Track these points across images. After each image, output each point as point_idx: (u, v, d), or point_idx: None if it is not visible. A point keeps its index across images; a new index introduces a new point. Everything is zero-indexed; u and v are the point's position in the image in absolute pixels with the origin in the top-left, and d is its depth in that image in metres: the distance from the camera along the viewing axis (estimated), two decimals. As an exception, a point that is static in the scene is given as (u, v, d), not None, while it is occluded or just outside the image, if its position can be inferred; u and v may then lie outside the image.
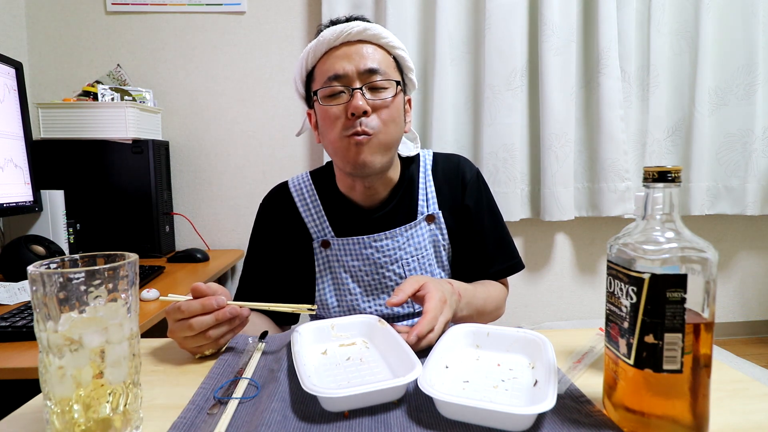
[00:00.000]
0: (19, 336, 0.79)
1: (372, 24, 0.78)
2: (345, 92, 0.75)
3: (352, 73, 0.75)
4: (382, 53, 0.78)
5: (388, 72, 0.77)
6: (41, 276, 0.39)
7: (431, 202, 0.87)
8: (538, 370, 0.54)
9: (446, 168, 0.90)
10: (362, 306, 0.85)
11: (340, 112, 0.75)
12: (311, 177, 0.90)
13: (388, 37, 0.79)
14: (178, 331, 0.59)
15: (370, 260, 0.84)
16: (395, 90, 0.78)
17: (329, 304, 0.86)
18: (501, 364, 0.57)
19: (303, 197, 0.88)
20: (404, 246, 0.84)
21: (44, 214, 1.36)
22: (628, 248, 0.43)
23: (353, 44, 0.76)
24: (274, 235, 0.89)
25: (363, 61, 0.75)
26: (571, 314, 1.99)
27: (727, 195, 1.87)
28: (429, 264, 0.86)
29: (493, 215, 0.92)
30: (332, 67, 0.76)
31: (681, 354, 0.40)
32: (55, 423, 0.40)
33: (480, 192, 0.90)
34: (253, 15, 1.77)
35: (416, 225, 0.85)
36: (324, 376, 0.55)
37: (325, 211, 0.86)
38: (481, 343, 0.61)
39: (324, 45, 0.77)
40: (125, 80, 1.74)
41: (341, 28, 0.76)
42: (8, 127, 1.22)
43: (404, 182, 0.87)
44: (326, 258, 0.86)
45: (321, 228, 0.86)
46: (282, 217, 0.89)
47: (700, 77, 1.78)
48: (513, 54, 1.71)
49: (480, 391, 0.51)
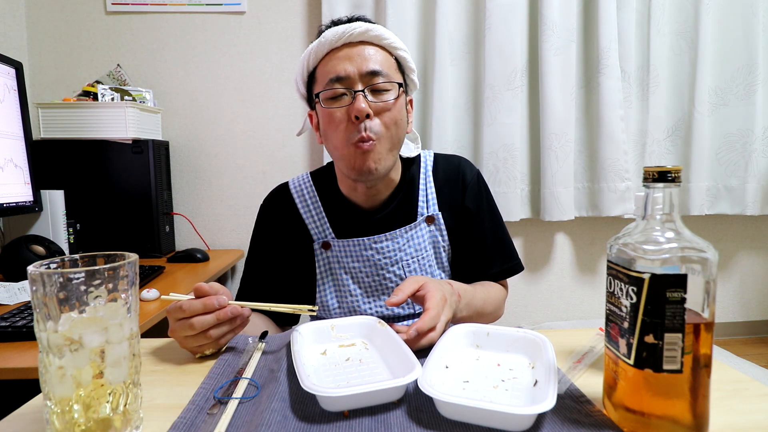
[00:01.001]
0: (19, 336, 0.79)
1: (374, 25, 0.78)
2: (347, 94, 0.75)
3: (354, 74, 0.74)
4: (384, 54, 0.78)
5: (390, 73, 0.77)
6: (41, 276, 0.39)
7: (431, 203, 0.87)
8: (538, 370, 0.54)
9: (447, 169, 0.90)
10: (363, 307, 0.85)
11: (342, 115, 0.75)
12: (312, 178, 0.90)
13: (390, 38, 0.78)
14: (179, 330, 0.59)
15: (371, 261, 0.84)
16: (397, 92, 0.77)
17: (330, 306, 0.86)
18: (501, 364, 0.57)
19: (304, 198, 0.88)
20: (404, 247, 0.84)
21: (44, 214, 1.36)
22: (628, 248, 0.43)
23: (355, 45, 0.76)
24: (275, 237, 0.88)
25: (365, 62, 0.75)
26: (571, 314, 1.99)
27: (727, 195, 1.87)
28: (429, 265, 0.86)
29: (493, 217, 0.92)
30: (334, 69, 0.75)
31: (681, 354, 0.40)
32: (55, 423, 0.40)
33: (480, 193, 0.90)
34: (253, 15, 1.77)
35: (416, 226, 0.85)
36: (323, 376, 0.55)
37: (326, 212, 0.86)
38: (481, 343, 0.61)
39: (326, 46, 0.76)
40: (125, 80, 1.74)
41: (343, 29, 0.75)
42: (8, 127, 1.22)
43: (405, 183, 0.87)
44: (327, 259, 0.86)
45: (321, 229, 0.86)
46: (282, 218, 0.88)
47: (699, 77, 1.78)
48: (513, 54, 1.71)
49: (480, 391, 0.50)
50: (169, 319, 0.60)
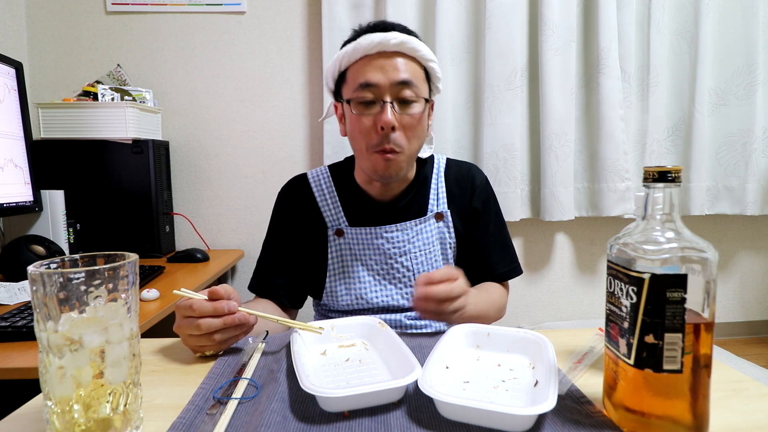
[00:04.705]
0: (19, 336, 0.79)
1: (409, 37, 0.80)
2: (375, 102, 0.79)
3: (384, 84, 0.78)
4: (414, 66, 0.81)
5: (419, 86, 0.80)
6: (41, 276, 0.39)
7: (441, 201, 0.91)
8: (538, 370, 0.54)
9: (458, 172, 0.95)
10: (369, 296, 0.88)
11: (369, 123, 0.79)
12: (329, 170, 0.94)
13: (423, 50, 0.81)
14: (185, 328, 0.60)
15: (381, 250, 0.88)
16: (423, 106, 0.81)
17: (338, 292, 0.89)
18: (501, 365, 0.57)
19: (320, 187, 0.92)
20: (413, 239, 0.89)
21: (44, 214, 1.36)
22: (628, 248, 0.43)
23: (389, 55, 0.79)
24: (291, 222, 0.92)
25: (396, 73, 0.78)
26: (571, 314, 1.99)
27: (727, 195, 1.87)
28: (434, 260, 0.90)
29: (498, 221, 0.96)
30: (365, 75, 0.79)
31: (681, 354, 0.40)
32: (55, 423, 0.40)
33: (488, 197, 0.95)
34: (253, 15, 1.77)
35: (426, 221, 0.89)
36: (323, 376, 0.55)
37: (341, 201, 0.91)
38: (481, 344, 0.61)
39: (360, 52, 0.79)
40: (125, 80, 1.74)
41: (380, 39, 0.78)
42: (8, 127, 1.22)
43: (418, 181, 0.91)
44: (339, 246, 0.89)
45: (336, 217, 0.90)
46: (299, 205, 0.92)
47: (699, 77, 1.78)
48: (513, 54, 1.71)
49: (480, 392, 0.50)
50: (177, 315, 0.61)
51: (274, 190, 0.99)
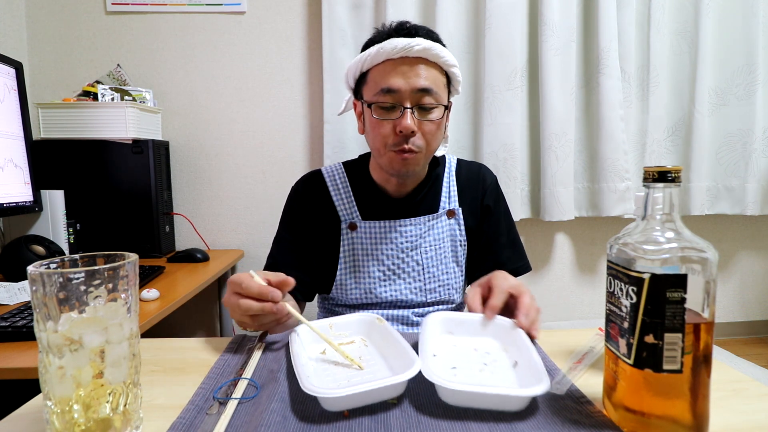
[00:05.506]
0: (19, 336, 0.79)
1: (433, 43, 0.80)
2: (395, 107, 0.79)
3: (405, 90, 0.78)
4: (436, 73, 0.81)
5: (439, 92, 0.81)
6: (41, 276, 0.39)
7: (453, 199, 0.94)
8: (511, 352, 0.58)
9: (469, 172, 0.97)
10: (378, 291, 0.89)
11: (389, 126, 0.80)
12: (344, 167, 0.96)
13: (446, 56, 0.81)
14: (229, 300, 0.63)
15: (393, 243, 0.90)
16: (442, 112, 0.82)
17: (347, 286, 0.91)
18: (477, 349, 0.60)
19: (335, 182, 0.93)
20: (425, 235, 0.90)
21: (44, 214, 1.36)
22: (628, 248, 0.43)
23: (411, 61, 0.79)
24: (306, 216, 0.93)
25: (417, 80, 0.78)
26: (571, 314, 1.99)
27: (727, 195, 1.87)
28: (444, 256, 0.92)
29: (507, 219, 0.98)
30: (386, 80, 0.79)
31: (681, 354, 0.40)
32: (55, 423, 0.40)
33: (498, 195, 0.98)
34: (253, 15, 1.77)
35: (438, 217, 0.91)
36: (323, 375, 0.55)
37: (355, 196, 0.92)
38: (453, 330, 0.64)
39: (383, 55, 0.79)
40: (125, 80, 1.74)
41: (403, 44, 0.77)
42: (8, 127, 1.22)
43: (431, 179, 0.93)
44: (351, 240, 0.91)
45: (350, 211, 0.91)
46: (314, 199, 0.93)
47: (699, 77, 1.78)
48: (513, 54, 1.70)
49: (470, 376, 0.53)
50: (227, 289, 0.64)
51: (274, 190, 0.99)
